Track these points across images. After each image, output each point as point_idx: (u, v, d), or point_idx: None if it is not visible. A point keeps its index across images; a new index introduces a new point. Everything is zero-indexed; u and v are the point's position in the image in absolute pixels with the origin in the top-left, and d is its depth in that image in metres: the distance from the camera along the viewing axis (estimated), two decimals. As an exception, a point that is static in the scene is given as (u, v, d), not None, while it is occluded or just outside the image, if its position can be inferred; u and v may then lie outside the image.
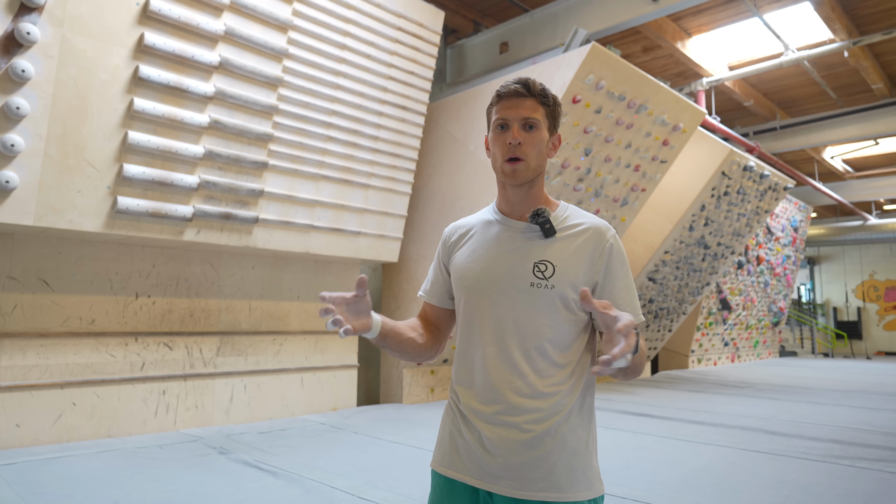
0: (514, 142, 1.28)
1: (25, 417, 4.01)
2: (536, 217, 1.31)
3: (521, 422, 1.24)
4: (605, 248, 1.31)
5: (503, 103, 1.32)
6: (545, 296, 1.26)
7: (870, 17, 7.82)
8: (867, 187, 14.56)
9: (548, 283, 1.26)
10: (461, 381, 1.35)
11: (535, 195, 1.36)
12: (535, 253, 1.29)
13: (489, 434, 1.26)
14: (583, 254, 1.29)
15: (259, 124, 4.65)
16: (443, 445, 1.37)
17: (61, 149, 3.72)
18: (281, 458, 3.86)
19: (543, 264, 1.27)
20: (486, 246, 1.35)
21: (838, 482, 3.57)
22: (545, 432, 1.24)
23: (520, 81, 1.32)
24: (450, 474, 1.31)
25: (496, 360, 1.28)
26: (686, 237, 8.70)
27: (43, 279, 4.16)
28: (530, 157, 1.30)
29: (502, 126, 1.32)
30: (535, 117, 1.30)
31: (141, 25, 3.99)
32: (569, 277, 1.26)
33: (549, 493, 1.22)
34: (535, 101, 1.31)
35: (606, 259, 1.30)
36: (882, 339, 18.75)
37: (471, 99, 6.31)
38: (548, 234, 1.30)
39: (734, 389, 8.17)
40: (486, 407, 1.28)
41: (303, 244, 5.08)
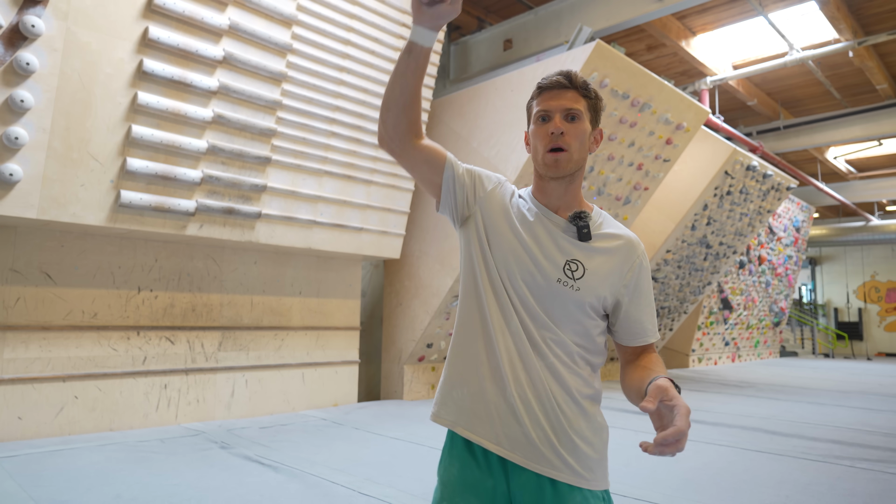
0: (556, 131, 1.27)
1: (27, 410, 4.02)
2: (577, 219, 1.29)
3: (534, 408, 1.24)
4: (636, 264, 1.31)
5: (545, 95, 1.31)
6: (569, 295, 1.26)
7: (875, 17, 7.80)
8: (870, 188, 14.54)
9: (575, 284, 1.26)
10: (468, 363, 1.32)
11: (574, 191, 1.33)
12: (569, 251, 1.28)
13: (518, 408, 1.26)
14: (613, 264, 1.29)
15: (262, 119, 4.64)
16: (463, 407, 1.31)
17: (65, 142, 3.73)
18: (282, 453, 3.87)
19: (575, 264, 1.27)
20: (524, 227, 1.31)
21: (838, 482, 3.58)
22: (573, 417, 1.25)
23: (562, 73, 1.31)
24: (481, 442, 1.27)
25: (510, 344, 1.26)
26: (688, 236, 8.70)
27: (46, 272, 4.17)
28: (573, 148, 1.28)
29: (544, 118, 1.30)
30: (577, 108, 1.29)
31: (145, 19, 3.98)
32: (596, 284, 1.27)
33: (574, 476, 1.23)
34: (577, 92, 1.30)
35: (636, 275, 1.31)
36: (883, 340, 18.73)
37: (474, 96, 6.31)
38: (583, 239, 1.28)
39: (735, 389, 8.17)
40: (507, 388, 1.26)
41: (305, 240, 5.09)
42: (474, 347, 1.30)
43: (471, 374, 1.29)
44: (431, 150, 1.33)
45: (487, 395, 1.26)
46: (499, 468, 1.26)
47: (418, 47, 1.22)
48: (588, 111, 1.31)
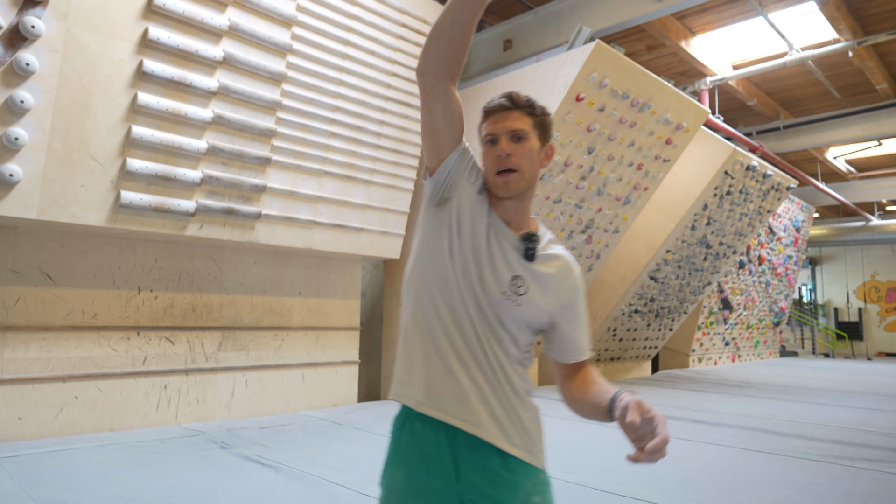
0: (503, 153, 1.31)
1: (27, 410, 4.03)
2: (527, 240, 1.34)
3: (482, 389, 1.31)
4: (572, 286, 1.39)
5: (491, 118, 1.35)
6: (509, 308, 1.31)
7: (875, 17, 7.80)
8: (870, 188, 14.53)
9: (517, 299, 1.32)
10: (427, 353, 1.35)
11: (525, 207, 1.39)
12: (516, 267, 1.33)
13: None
14: (552, 286, 1.35)
15: (262, 120, 4.65)
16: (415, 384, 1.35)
17: (65, 143, 3.73)
18: (282, 453, 3.87)
19: (520, 280, 1.33)
20: (484, 238, 1.34)
21: (839, 482, 3.58)
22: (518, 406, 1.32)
23: (504, 95, 1.35)
24: (433, 413, 1.31)
25: (459, 337, 1.31)
26: (688, 236, 8.70)
27: (46, 273, 4.17)
28: (522, 168, 1.32)
29: (492, 140, 1.34)
30: (522, 128, 1.33)
31: (145, 20, 3.99)
32: (535, 302, 1.33)
33: (526, 454, 1.31)
34: (522, 112, 1.34)
35: (571, 297, 1.39)
36: (883, 340, 18.73)
37: (474, 96, 6.31)
38: (528, 259, 1.34)
39: (735, 389, 8.17)
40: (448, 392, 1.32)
41: (305, 240, 5.09)
42: (432, 331, 1.33)
43: (432, 356, 1.32)
44: (458, 108, 1.32)
45: (453, 377, 1.30)
46: (449, 465, 1.27)
47: None
48: (535, 129, 1.35)
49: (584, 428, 5.08)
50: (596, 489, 3.32)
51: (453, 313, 1.31)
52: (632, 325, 9.19)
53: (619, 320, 8.82)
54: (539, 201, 6.04)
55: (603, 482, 3.43)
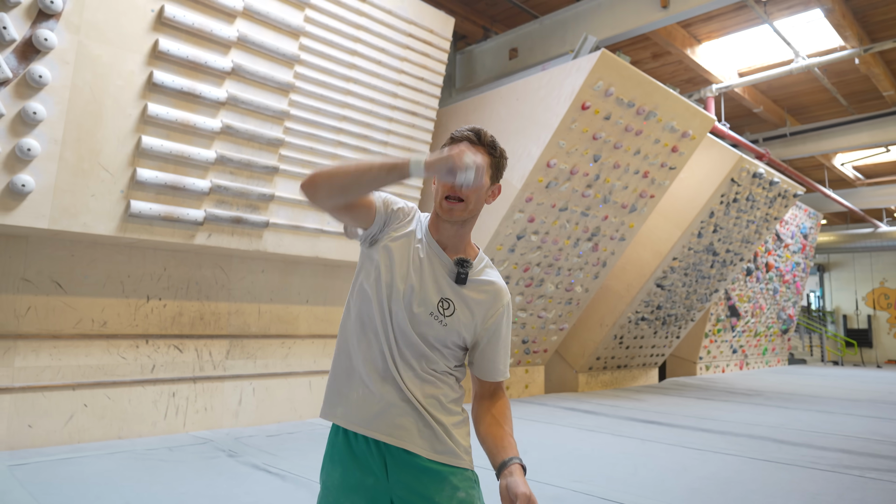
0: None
1: (38, 418, 4.06)
2: (461, 265, 1.43)
3: (405, 403, 1.40)
4: (499, 312, 1.48)
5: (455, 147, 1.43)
6: (437, 328, 1.41)
7: (881, 25, 7.79)
8: (878, 194, 14.46)
9: (444, 320, 1.42)
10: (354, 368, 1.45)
11: (464, 234, 1.47)
12: (446, 290, 1.43)
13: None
14: (479, 310, 1.45)
15: (270, 129, 4.69)
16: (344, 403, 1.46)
17: (76, 153, 3.78)
18: (289, 461, 3.89)
19: (447, 303, 1.43)
20: (417, 257, 1.45)
21: (847, 493, 3.56)
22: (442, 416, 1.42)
23: (473, 130, 1.44)
24: (361, 431, 1.41)
25: (389, 355, 1.40)
26: (695, 244, 8.68)
27: (56, 281, 4.22)
28: (470, 201, 1.41)
29: None
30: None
31: (156, 32, 4.04)
32: (460, 324, 1.43)
33: (450, 457, 1.41)
34: (484, 150, 1.43)
35: (497, 322, 1.48)
36: (893, 348, 18.57)
37: (480, 105, 6.34)
38: (459, 283, 1.43)
39: (742, 397, 8.12)
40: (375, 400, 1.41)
41: (312, 248, 5.12)
42: (360, 353, 1.43)
43: (356, 378, 1.43)
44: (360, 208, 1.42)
45: (374, 396, 1.40)
46: (379, 466, 1.39)
47: (405, 175, 1.34)
48: (490, 168, 1.44)
49: (591, 437, 5.07)
50: (602, 498, 3.32)
51: (377, 336, 1.41)
52: (638, 332, 9.16)
53: (625, 328, 8.80)
54: (545, 209, 6.05)
55: (609, 491, 3.43)
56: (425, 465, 1.38)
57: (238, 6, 4.36)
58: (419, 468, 1.38)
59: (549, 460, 4.16)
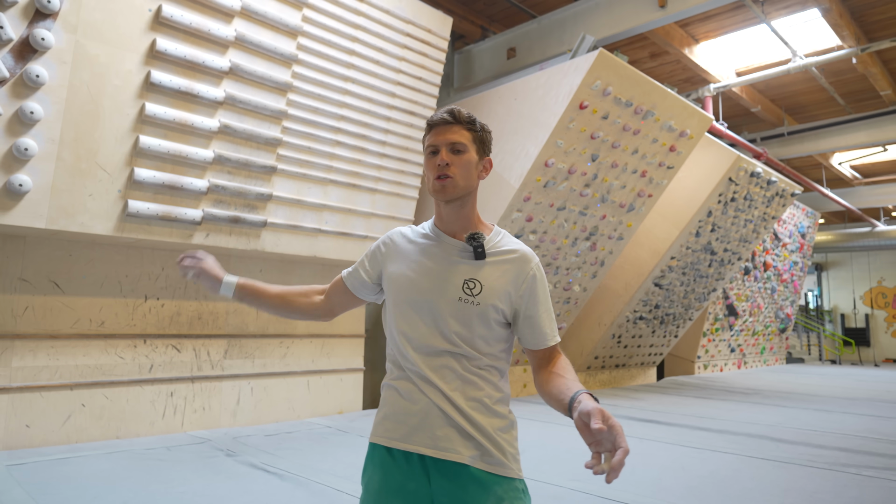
0: (441, 163, 1.41)
1: (35, 418, 4.05)
2: (472, 240, 1.42)
3: (447, 411, 1.37)
4: (529, 276, 1.44)
5: (434, 131, 1.45)
6: (470, 310, 1.39)
7: (878, 24, 7.81)
8: (875, 194, 14.49)
9: (474, 300, 1.39)
10: (398, 378, 1.45)
11: (467, 215, 1.47)
12: (466, 271, 1.42)
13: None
14: (508, 278, 1.42)
15: (268, 129, 4.69)
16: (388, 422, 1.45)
17: (74, 153, 3.77)
18: (287, 460, 3.89)
19: (472, 282, 1.41)
20: (422, 258, 1.46)
21: (844, 490, 3.56)
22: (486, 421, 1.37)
23: (447, 111, 1.45)
24: (402, 446, 1.39)
25: (423, 361, 1.39)
26: (692, 243, 8.69)
27: (54, 281, 4.21)
28: (458, 177, 1.41)
29: (433, 152, 1.44)
30: (461, 141, 1.43)
31: (153, 31, 4.04)
32: (494, 297, 1.40)
33: (496, 466, 1.36)
34: (462, 127, 1.44)
35: (530, 286, 1.44)
36: (890, 347, 18.61)
37: (478, 104, 6.34)
38: (478, 257, 1.42)
39: (740, 396, 8.14)
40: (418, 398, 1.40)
41: (310, 248, 5.12)
42: (397, 372, 1.45)
43: (397, 393, 1.43)
44: (334, 291, 1.62)
45: (413, 408, 1.39)
46: (420, 470, 1.36)
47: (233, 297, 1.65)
48: (474, 143, 1.45)
49: (589, 435, 5.06)
50: (601, 497, 3.32)
51: (409, 347, 1.41)
52: (637, 331, 9.17)
53: (623, 327, 8.81)
54: (543, 209, 6.06)
55: (607, 490, 3.43)
56: (470, 475, 1.33)
57: (236, 6, 4.35)
58: (463, 478, 1.33)
59: (549, 459, 4.16)
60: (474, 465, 1.33)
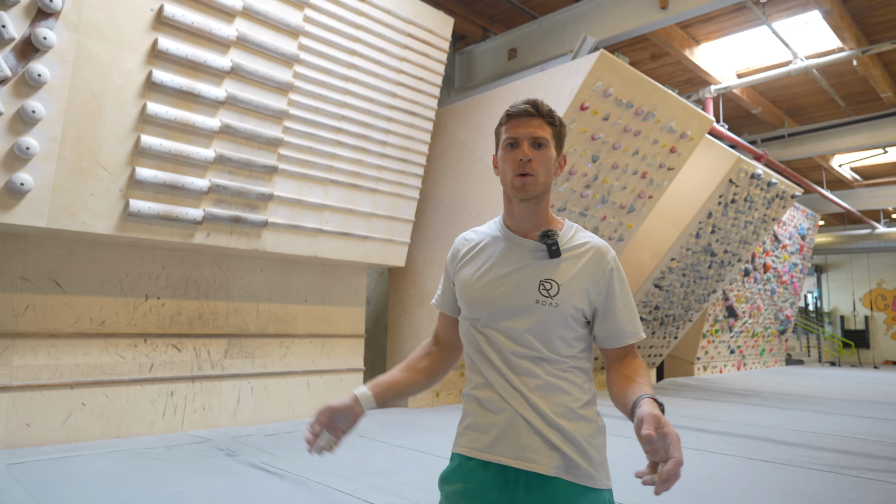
0: (524, 158, 1.34)
1: (35, 417, 4.06)
2: (545, 238, 1.36)
3: (532, 420, 1.31)
4: (606, 270, 1.38)
5: (513, 122, 1.38)
6: (549, 312, 1.32)
7: (879, 26, 7.82)
8: (875, 196, 14.49)
9: (552, 300, 1.32)
10: (479, 385, 1.39)
11: (541, 212, 1.41)
12: (542, 271, 1.35)
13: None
14: (585, 275, 1.36)
15: (269, 129, 4.69)
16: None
17: (75, 152, 3.78)
18: (287, 460, 3.89)
19: (549, 283, 1.34)
20: (493, 261, 1.40)
21: (844, 493, 3.57)
22: (573, 427, 1.31)
23: (529, 102, 1.38)
24: (484, 457, 1.34)
25: (503, 366, 1.34)
26: (693, 244, 8.69)
27: (55, 280, 4.21)
28: (539, 174, 1.35)
29: (512, 144, 1.37)
30: (543, 136, 1.36)
31: (155, 31, 4.04)
32: (572, 296, 1.34)
33: (582, 478, 1.30)
34: (543, 120, 1.37)
35: (607, 281, 1.37)
36: (890, 349, 18.62)
37: (479, 105, 6.35)
38: (553, 256, 1.35)
39: (740, 398, 8.14)
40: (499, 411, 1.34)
41: (311, 248, 5.12)
42: (476, 380, 1.39)
43: (477, 408, 1.37)
44: (442, 329, 1.56)
45: (496, 417, 1.33)
46: (503, 482, 1.30)
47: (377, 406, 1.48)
48: (553, 138, 1.39)
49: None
50: (600, 498, 3.32)
51: (491, 354, 1.35)
52: (636, 332, 9.16)
53: (623, 328, 8.80)
54: (543, 209, 6.05)
55: (607, 491, 3.43)
56: (555, 488, 1.28)
57: (237, 5, 4.36)
58: (548, 490, 1.28)
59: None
60: (560, 477, 1.28)
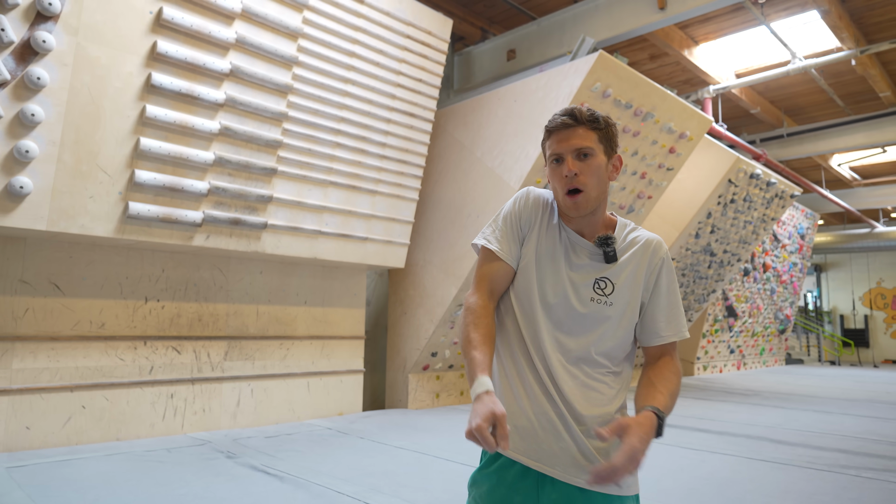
0: (569, 173, 1.29)
1: (35, 420, 4.06)
2: (603, 244, 1.32)
3: (570, 427, 1.28)
4: (657, 266, 1.35)
5: (554, 137, 1.33)
6: (603, 311, 1.30)
7: (877, 26, 7.82)
8: (874, 195, 14.51)
9: (607, 299, 1.31)
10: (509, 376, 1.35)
11: (598, 220, 1.36)
12: (597, 269, 1.32)
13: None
14: (639, 272, 1.34)
15: (269, 131, 4.70)
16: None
17: (74, 155, 3.78)
18: (287, 462, 3.89)
19: (604, 282, 1.32)
20: (550, 252, 1.35)
21: (844, 492, 3.57)
22: (590, 434, 1.28)
23: (566, 112, 1.32)
24: (512, 455, 1.31)
25: (546, 364, 1.30)
26: (692, 244, 8.70)
27: (54, 283, 4.22)
28: (589, 187, 1.30)
29: (557, 160, 1.32)
30: (587, 145, 1.30)
31: (154, 33, 4.04)
32: (626, 296, 1.32)
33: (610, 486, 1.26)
34: (586, 128, 1.31)
35: (657, 277, 1.35)
36: (890, 348, 18.62)
37: (478, 106, 6.35)
38: (609, 261, 1.32)
39: (740, 397, 8.14)
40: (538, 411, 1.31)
41: (310, 250, 5.12)
42: (513, 371, 1.33)
43: (510, 397, 1.33)
44: (496, 281, 1.36)
45: (527, 414, 1.30)
46: (531, 484, 1.29)
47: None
48: (601, 143, 1.33)
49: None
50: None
51: (528, 349, 1.31)
52: (636, 333, 9.17)
53: (623, 328, 8.81)
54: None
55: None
56: (581, 496, 1.25)
57: (236, 8, 4.36)
58: (573, 497, 1.26)
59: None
60: (588, 488, 1.25)
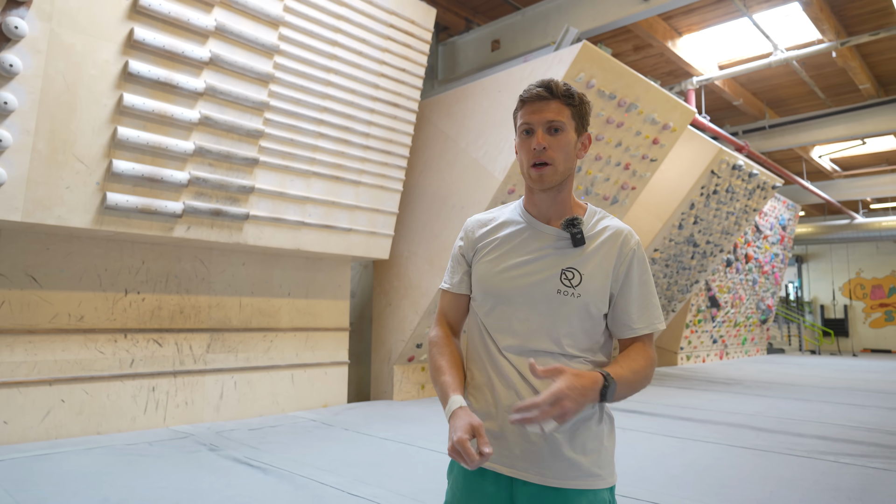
0: (538, 147, 1.27)
1: (13, 414, 3.99)
2: (570, 227, 1.29)
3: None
4: (628, 257, 1.31)
5: (527, 108, 1.30)
6: (571, 303, 1.26)
7: (857, 18, 7.90)
8: (854, 186, 14.71)
9: (574, 291, 1.27)
10: (478, 384, 1.35)
11: (564, 199, 1.34)
12: (564, 260, 1.29)
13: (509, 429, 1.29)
14: (607, 262, 1.30)
15: (250, 121, 4.63)
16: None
17: (50, 144, 3.70)
18: (271, 454, 3.87)
19: (571, 272, 1.28)
20: (513, 248, 1.34)
21: (823, 478, 3.63)
22: (579, 426, 1.27)
23: (542, 84, 1.30)
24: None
25: (515, 362, 1.29)
26: (675, 235, 8.76)
27: (31, 275, 4.14)
28: (557, 161, 1.28)
29: (527, 131, 1.30)
30: (559, 120, 1.28)
31: (131, 20, 3.96)
32: (594, 286, 1.28)
33: (582, 481, 1.27)
34: (560, 102, 1.29)
35: (627, 268, 1.31)
36: (868, 337, 18.96)
37: (462, 96, 6.32)
38: (577, 244, 1.29)
39: (722, 386, 8.25)
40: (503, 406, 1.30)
41: (294, 241, 5.08)
42: (481, 375, 1.34)
43: (483, 403, 1.32)
44: (450, 312, 1.43)
45: (497, 419, 1.29)
46: (504, 485, 1.29)
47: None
48: (573, 119, 1.30)
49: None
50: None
51: (495, 348, 1.31)
52: (620, 323, 9.23)
53: (607, 319, 8.86)
54: (527, 201, 6.05)
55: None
56: (554, 493, 1.24)
57: (215, -5, 4.29)
58: (544, 494, 1.24)
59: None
60: (561, 487, 1.24)
